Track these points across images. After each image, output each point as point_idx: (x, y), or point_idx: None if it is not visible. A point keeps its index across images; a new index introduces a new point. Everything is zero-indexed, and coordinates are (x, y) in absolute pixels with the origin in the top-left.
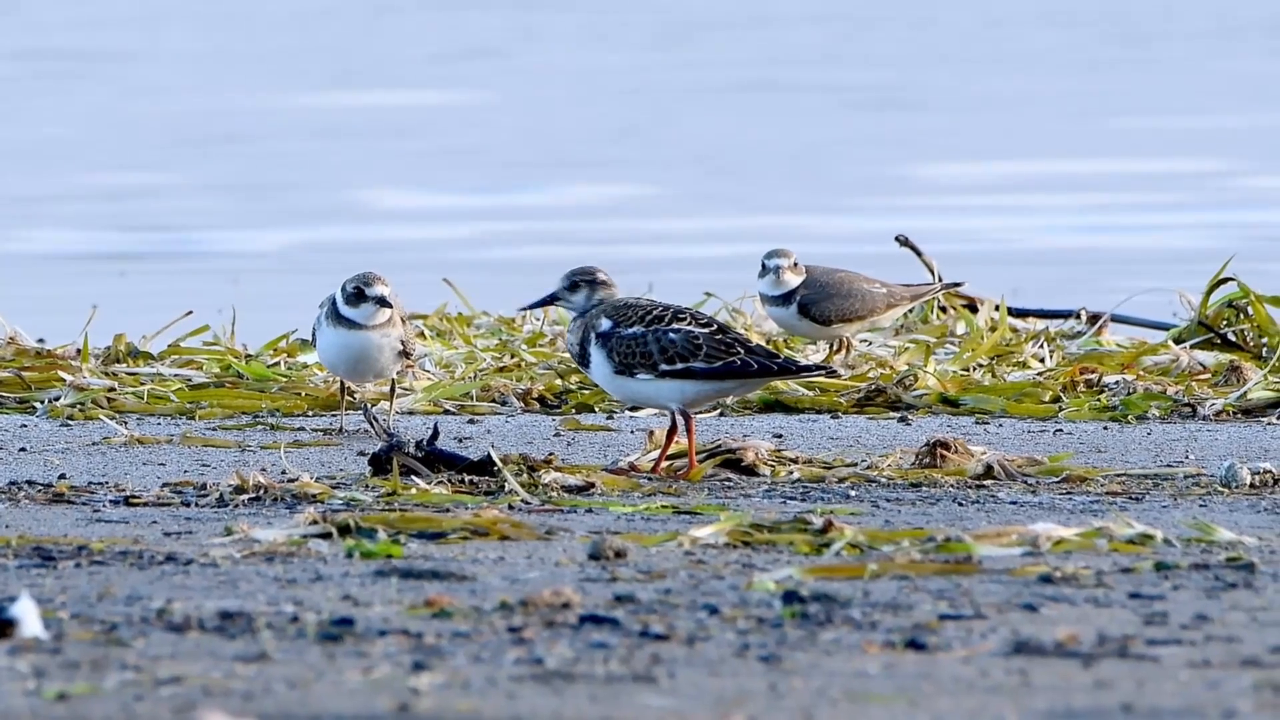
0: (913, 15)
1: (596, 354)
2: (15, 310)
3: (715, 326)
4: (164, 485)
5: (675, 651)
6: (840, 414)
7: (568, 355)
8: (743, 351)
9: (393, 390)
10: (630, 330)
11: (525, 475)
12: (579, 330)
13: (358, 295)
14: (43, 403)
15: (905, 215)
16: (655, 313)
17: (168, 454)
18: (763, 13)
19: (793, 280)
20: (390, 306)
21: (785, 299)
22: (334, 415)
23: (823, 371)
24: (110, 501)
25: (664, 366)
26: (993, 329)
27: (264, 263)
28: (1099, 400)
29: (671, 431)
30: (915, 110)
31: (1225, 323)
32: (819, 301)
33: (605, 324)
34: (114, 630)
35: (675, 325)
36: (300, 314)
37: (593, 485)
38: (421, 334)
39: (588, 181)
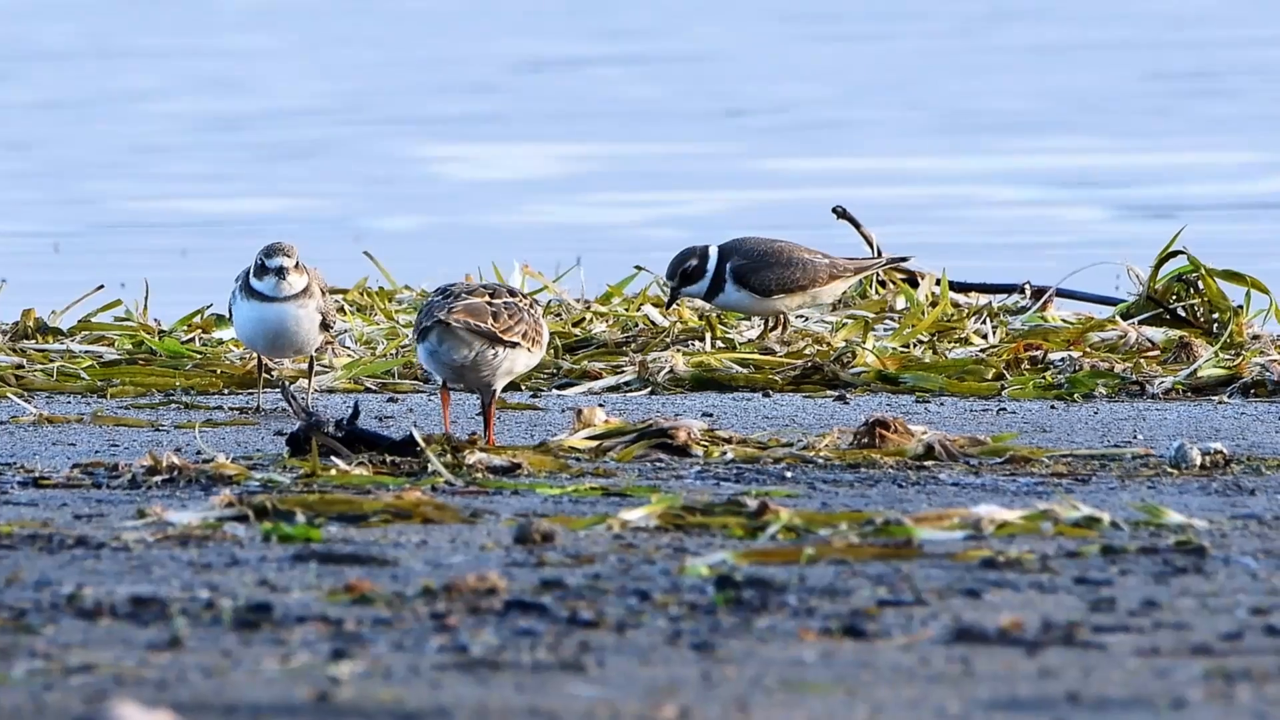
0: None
1: None
2: None
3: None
4: (74, 466)
5: (605, 639)
6: (774, 392)
7: None
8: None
9: (311, 367)
10: None
11: (449, 456)
12: None
13: (262, 267)
14: None
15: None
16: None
17: (78, 434)
18: None
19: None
20: (284, 277)
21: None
22: (250, 393)
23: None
24: (18, 483)
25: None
26: (934, 304)
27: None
28: (1044, 378)
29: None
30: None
31: (1174, 297)
32: (758, 270)
33: None
34: (23, 617)
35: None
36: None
37: (519, 466)
38: (342, 309)
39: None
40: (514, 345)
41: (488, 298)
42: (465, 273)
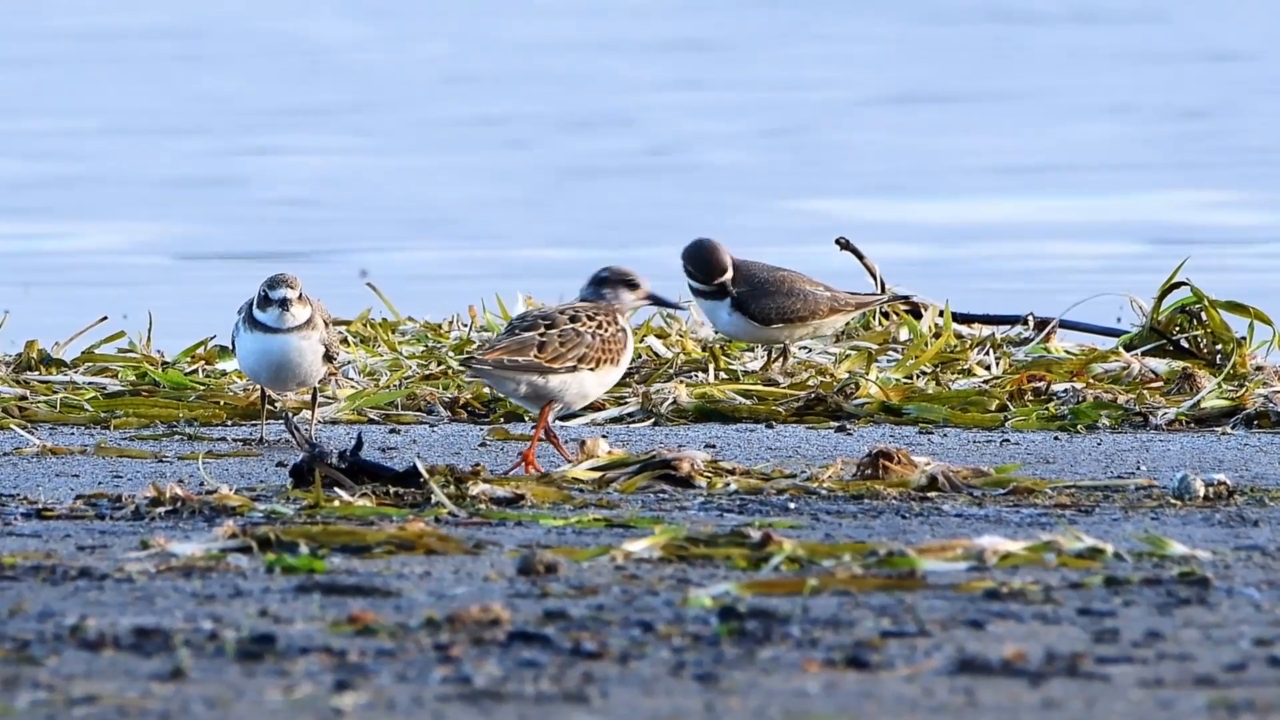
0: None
1: None
2: None
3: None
4: (78, 497)
5: (608, 670)
6: (777, 424)
7: None
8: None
9: (315, 399)
10: None
11: (452, 487)
12: None
13: (265, 299)
14: None
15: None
16: None
17: (81, 465)
18: None
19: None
20: (288, 308)
21: (718, 293)
22: (254, 425)
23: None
24: (22, 514)
25: None
26: (937, 335)
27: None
28: (1047, 409)
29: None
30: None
31: (1178, 329)
32: (759, 299)
33: None
34: (26, 648)
35: None
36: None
37: (523, 497)
38: (345, 340)
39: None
40: (572, 370)
41: (543, 328)
42: (469, 304)
